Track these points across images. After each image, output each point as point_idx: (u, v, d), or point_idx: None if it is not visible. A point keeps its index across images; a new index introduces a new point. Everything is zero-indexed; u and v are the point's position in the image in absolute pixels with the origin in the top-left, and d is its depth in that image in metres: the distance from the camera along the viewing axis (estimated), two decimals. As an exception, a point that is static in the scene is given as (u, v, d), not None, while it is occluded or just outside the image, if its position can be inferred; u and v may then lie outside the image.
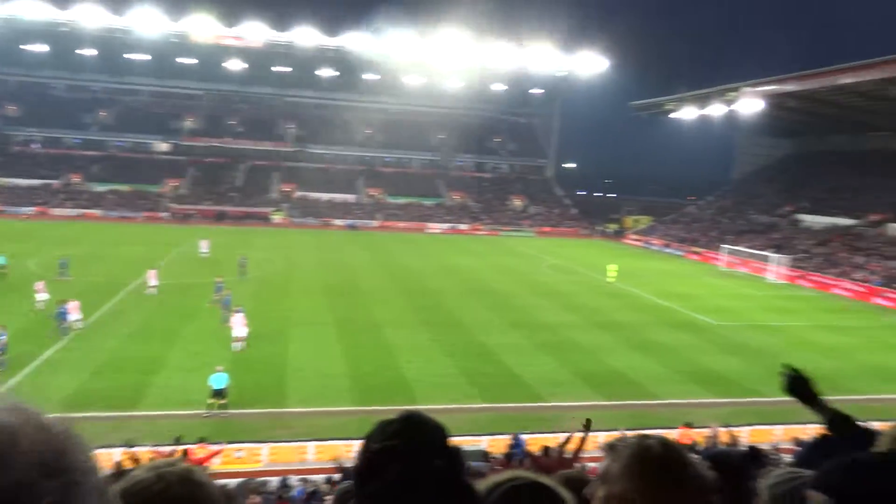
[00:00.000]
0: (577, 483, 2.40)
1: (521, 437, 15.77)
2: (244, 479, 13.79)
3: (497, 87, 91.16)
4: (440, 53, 79.28)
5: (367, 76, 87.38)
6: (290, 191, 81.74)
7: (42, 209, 67.70)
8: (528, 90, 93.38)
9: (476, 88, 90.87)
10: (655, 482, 1.59)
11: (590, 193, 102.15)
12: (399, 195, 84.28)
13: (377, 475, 1.40)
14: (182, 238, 53.47)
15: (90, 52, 79.92)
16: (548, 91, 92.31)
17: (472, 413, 19.36)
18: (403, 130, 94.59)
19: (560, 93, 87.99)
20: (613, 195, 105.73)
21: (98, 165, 79.34)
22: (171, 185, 78.21)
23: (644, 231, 77.15)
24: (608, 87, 78.87)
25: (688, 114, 65.49)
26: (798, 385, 2.77)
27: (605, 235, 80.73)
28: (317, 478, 14.26)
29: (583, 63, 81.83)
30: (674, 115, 67.93)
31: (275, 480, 14.25)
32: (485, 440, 16.47)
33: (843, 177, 64.24)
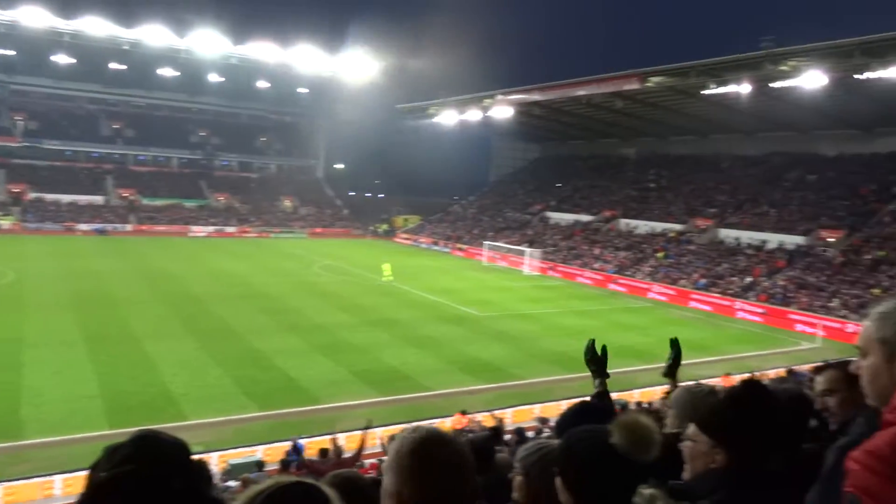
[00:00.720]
0: (347, 483, 2.42)
1: (300, 443, 15.46)
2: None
3: (262, 85, 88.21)
4: (197, 45, 74.71)
5: (113, 65, 79.25)
6: (21, 192, 71.20)
7: None
8: (296, 89, 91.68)
9: (239, 85, 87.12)
10: (410, 472, 1.64)
11: (360, 194, 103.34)
12: (156, 196, 77.73)
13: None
14: None
15: None
16: (314, 91, 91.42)
17: (248, 423, 18.52)
18: (158, 126, 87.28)
19: (327, 93, 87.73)
20: (383, 195, 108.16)
21: None
22: None
23: (413, 230, 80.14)
24: (375, 90, 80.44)
25: (449, 118, 68.99)
26: (596, 358, 3.49)
27: (377, 235, 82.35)
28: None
29: (349, 64, 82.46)
30: (437, 119, 71.31)
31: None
32: (261, 449, 15.88)
33: (582, 178, 73.04)
